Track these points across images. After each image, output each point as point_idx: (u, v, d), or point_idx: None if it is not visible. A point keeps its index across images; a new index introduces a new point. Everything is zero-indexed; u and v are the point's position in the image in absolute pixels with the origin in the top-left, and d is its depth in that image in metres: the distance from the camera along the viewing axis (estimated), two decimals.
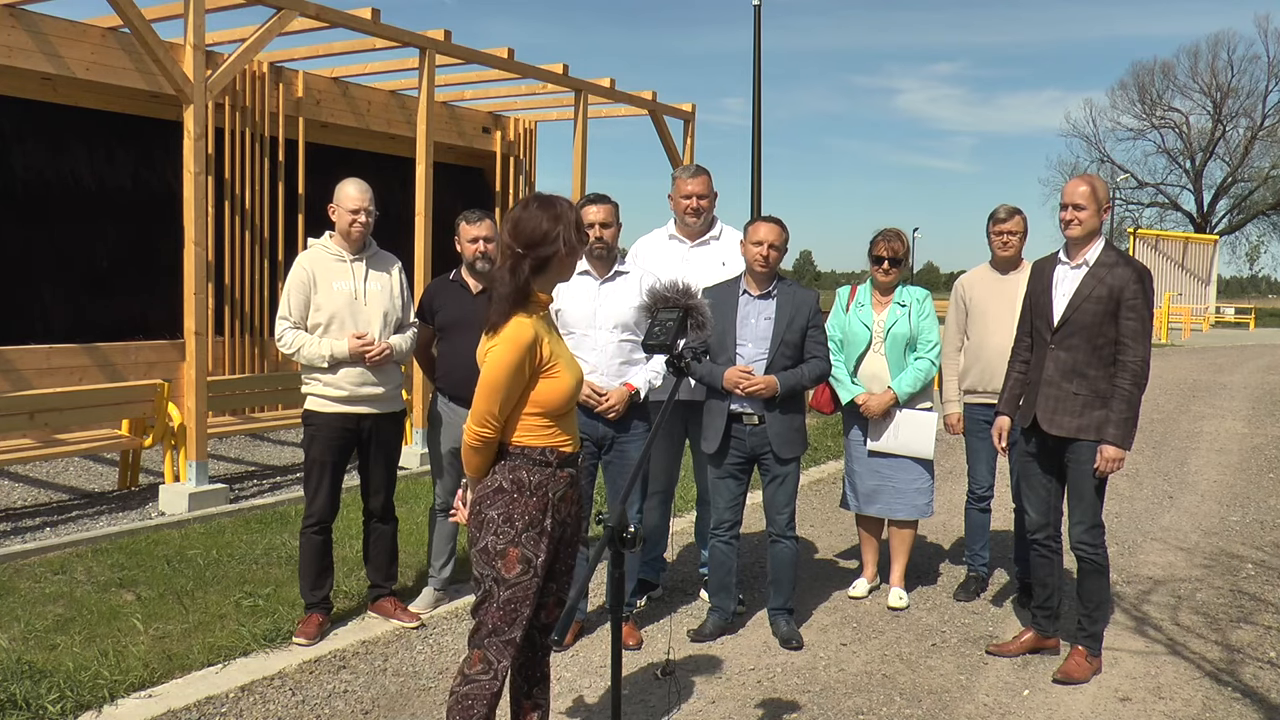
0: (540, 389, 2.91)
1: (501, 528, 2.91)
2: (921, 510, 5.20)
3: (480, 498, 2.96)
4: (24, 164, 8.91)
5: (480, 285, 4.84)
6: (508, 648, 2.96)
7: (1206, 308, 35.10)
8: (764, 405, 4.60)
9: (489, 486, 2.95)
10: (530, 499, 2.92)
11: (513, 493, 2.92)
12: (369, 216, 4.58)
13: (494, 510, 2.92)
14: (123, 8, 6.57)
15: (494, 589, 2.93)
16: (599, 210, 4.53)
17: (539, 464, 2.94)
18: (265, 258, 10.40)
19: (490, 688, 2.95)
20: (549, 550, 2.96)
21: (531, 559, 2.92)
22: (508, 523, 2.91)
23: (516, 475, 2.93)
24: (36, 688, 3.86)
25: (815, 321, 4.69)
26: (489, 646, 2.95)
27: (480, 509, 2.95)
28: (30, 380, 8.33)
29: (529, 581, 2.93)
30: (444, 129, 11.94)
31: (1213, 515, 7.40)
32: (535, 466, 2.94)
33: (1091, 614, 4.36)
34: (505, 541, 2.90)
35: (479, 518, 2.95)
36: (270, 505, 7.01)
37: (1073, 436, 4.26)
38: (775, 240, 4.60)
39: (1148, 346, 4.21)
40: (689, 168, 5.20)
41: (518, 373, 2.85)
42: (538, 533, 2.92)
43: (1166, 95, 50.87)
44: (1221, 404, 13.93)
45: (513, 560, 2.90)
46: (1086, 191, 4.27)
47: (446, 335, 4.86)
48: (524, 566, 2.91)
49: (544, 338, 2.90)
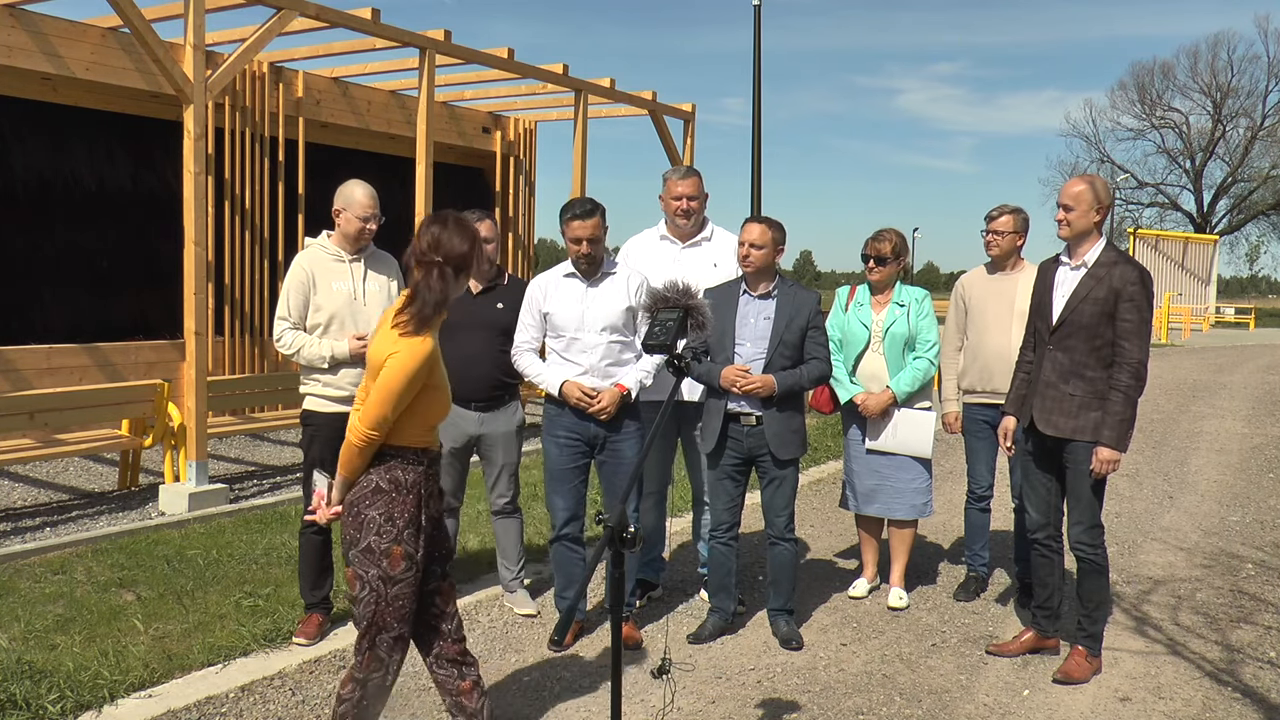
0: (429, 400, 3.04)
1: (384, 527, 3.01)
2: (920, 510, 5.20)
3: (359, 498, 3.06)
4: (24, 164, 8.91)
5: (480, 286, 4.84)
6: (398, 644, 3.08)
7: (1206, 308, 35.10)
8: (762, 405, 4.59)
9: (366, 488, 3.05)
10: (408, 497, 3.04)
11: (391, 492, 3.03)
12: (377, 223, 4.58)
13: (374, 510, 3.02)
14: (123, 8, 6.57)
15: (380, 587, 3.03)
16: (584, 226, 4.45)
17: (413, 464, 3.06)
18: (265, 258, 10.40)
19: (384, 683, 3.09)
20: (424, 545, 3.09)
21: (413, 554, 3.05)
22: (389, 522, 3.02)
23: (393, 475, 3.04)
24: (36, 688, 3.86)
25: (816, 323, 4.68)
26: (380, 645, 3.07)
27: (359, 510, 3.05)
28: (30, 380, 8.33)
29: (412, 577, 3.06)
30: (444, 129, 11.94)
31: (1213, 515, 7.40)
32: (410, 466, 3.06)
33: (1091, 614, 4.36)
34: (389, 540, 3.01)
35: (359, 518, 3.04)
36: (270, 505, 7.01)
37: (1069, 437, 4.26)
38: (756, 240, 4.58)
39: (1145, 347, 4.20)
40: (679, 169, 5.19)
41: (414, 382, 2.97)
42: (415, 530, 3.05)
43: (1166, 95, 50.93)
44: (1221, 404, 13.93)
45: (397, 558, 3.02)
46: (1076, 192, 4.26)
47: (445, 335, 4.85)
48: (408, 563, 3.04)
49: (435, 356, 3.03)
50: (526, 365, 4.64)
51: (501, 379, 4.85)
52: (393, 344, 2.98)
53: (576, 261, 4.52)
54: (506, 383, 4.88)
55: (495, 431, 4.87)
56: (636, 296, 4.51)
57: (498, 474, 4.95)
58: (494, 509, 5.03)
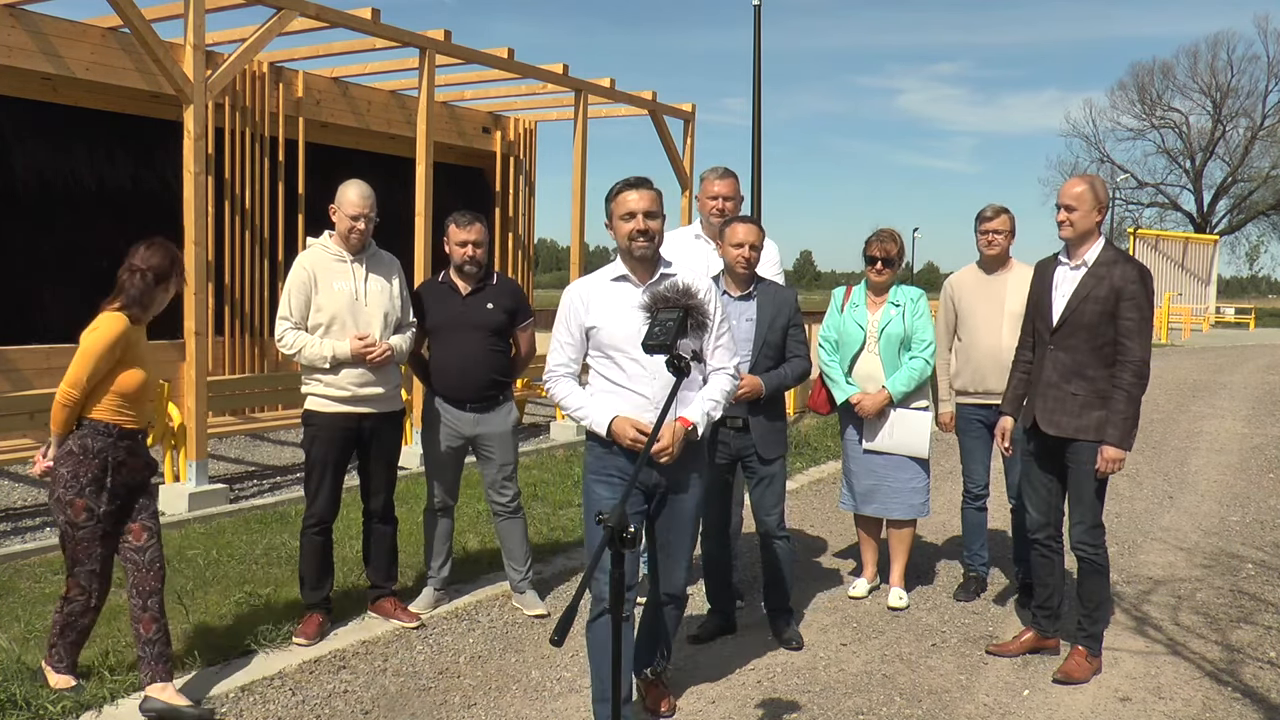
0: (123, 376, 3.72)
1: (69, 482, 3.69)
2: (917, 510, 5.20)
3: (58, 457, 3.72)
4: (24, 164, 8.92)
5: (469, 287, 4.83)
6: (93, 577, 3.80)
7: (1206, 308, 35.10)
8: (747, 408, 4.57)
9: (63, 449, 3.72)
10: (93, 461, 3.70)
11: (79, 455, 3.69)
12: (369, 223, 4.57)
13: (64, 468, 3.70)
14: (123, 8, 6.57)
15: (69, 530, 3.74)
16: (641, 197, 3.56)
17: (102, 435, 3.72)
18: (265, 258, 10.40)
19: (87, 604, 3.83)
20: (111, 502, 3.75)
21: (94, 509, 3.71)
22: (75, 479, 3.69)
23: (83, 442, 3.70)
24: (36, 688, 3.87)
25: (796, 320, 4.67)
26: (79, 575, 3.79)
27: (56, 466, 3.72)
28: (30, 380, 8.33)
29: (94, 526, 3.73)
30: (444, 129, 11.94)
31: (1213, 515, 7.40)
32: (99, 436, 3.71)
33: (1091, 614, 4.36)
34: (73, 494, 3.69)
35: (55, 473, 3.72)
36: (270, 505, 7.02)
37: (1072, 437, 4.26)
38: (755, 240, 4.57)
39: (1147, 346, 4.21)
40: (717, 169, 5.10)
41: (106, 354, 3.67)
42: (98, 488, 3.71)
43: (1166, 95, 50.88)
44: (1221, 404, 13.93)
45: (79, 508, 3.70)
46: (1077, 192, 4.26)
47: (437, 337, 4.87)
48: (88, 514, 3.71)
49: (133, 339, 3.76)
50: (564, 395, 3.64)
51: (495, 379, 4.85)
52: (96, 321, 3.72)
53: (633, 248, 3.55)
54: (500, 382, 4.88)
55: (491, 432, 4.87)
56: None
57: (496, 475, 4.95)
58: (495, 511, 5.03)
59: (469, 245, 4.78)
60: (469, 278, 4.84)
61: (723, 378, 3.65)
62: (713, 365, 3.65)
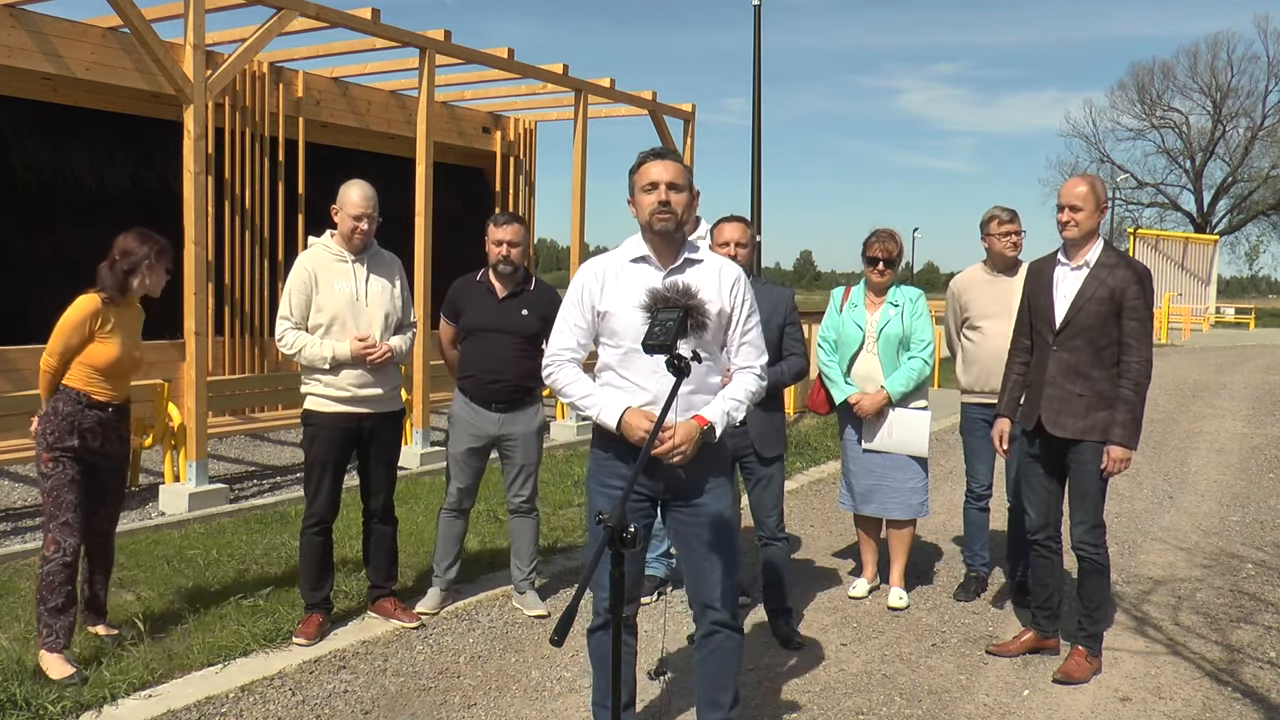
0: (93, 349, 4.15)
1: (40, 437, 4.14)
2: (916, 510, 5.20)
3: (39, 416, 4.17)
4: (24, 164, 8.91)
5: (506, 290, 4.83)
6: (65, 530, 4.07)
7: (1206, 308, 35.09)
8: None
9: (43, 411, 4.16)
10: (62, 423, 4.11)
11: (51, 416, 4.14)
12: (371, 223, 4.57)
13: (39, 425, 4.15)
14: (123, 8, 6.57)
15: (42, 482, 4.12)
16: (666, 168, 3.23)
17: (72, 400, 4.14)
18: (265, 258, 10.40)
19: (64, 560, 4.05)
20: (77, 464, 4.13)
21: (61, 460, 4.10)
22: (44, 435, 4.13)
23: (55, 405, 4.14)
24: (36, 688, 3.87)
25: (792, 318, 4.66)
26: (54, 530, 4.06)
27: (39, 424, 4.16)
28: (30, 380, 8.31)
29: (60, 474, 4.09)
30: (444, 129, 11.93)
31: (1213, 515, 7.40)
32: (70, 402, 4.14)
33: (1092, 614, 4.36)
34: (42, 448, 4.12)
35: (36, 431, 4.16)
36: (270, 505, 7.01)
37: (1078, 438, 4.26)
38: (742, 238, 4.56)
39: (1150, 347, 4.21)
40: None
41: (78, 328, 4.12)
42: (64, 446, 4.10)
43: (1166, 95, 50.86)
44: (1221, 404, 13.93)
45: (46, 460, 4.10)
46: (1083, 192, 4.26)
47: (470, 336, 4.86)
48: (54, 464, 4.10)
49: (108, 316, 4.19)
50: (567, 383, 3.24)
51: (523, 384, 4.84)
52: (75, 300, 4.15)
53: (654, 221, 3.19)
54: (528, 387, 4.88)
55: (516, 432, 4.88)
56: (732, 297, 3.27)
57: (517, 473, 4.95)
58: (511, 508, 5.04)
59: (504, 245, 4.78)
60: (505, 279, 4.84)
61: (748, 377, 3.27)
62: (738, 364, 3.31)
